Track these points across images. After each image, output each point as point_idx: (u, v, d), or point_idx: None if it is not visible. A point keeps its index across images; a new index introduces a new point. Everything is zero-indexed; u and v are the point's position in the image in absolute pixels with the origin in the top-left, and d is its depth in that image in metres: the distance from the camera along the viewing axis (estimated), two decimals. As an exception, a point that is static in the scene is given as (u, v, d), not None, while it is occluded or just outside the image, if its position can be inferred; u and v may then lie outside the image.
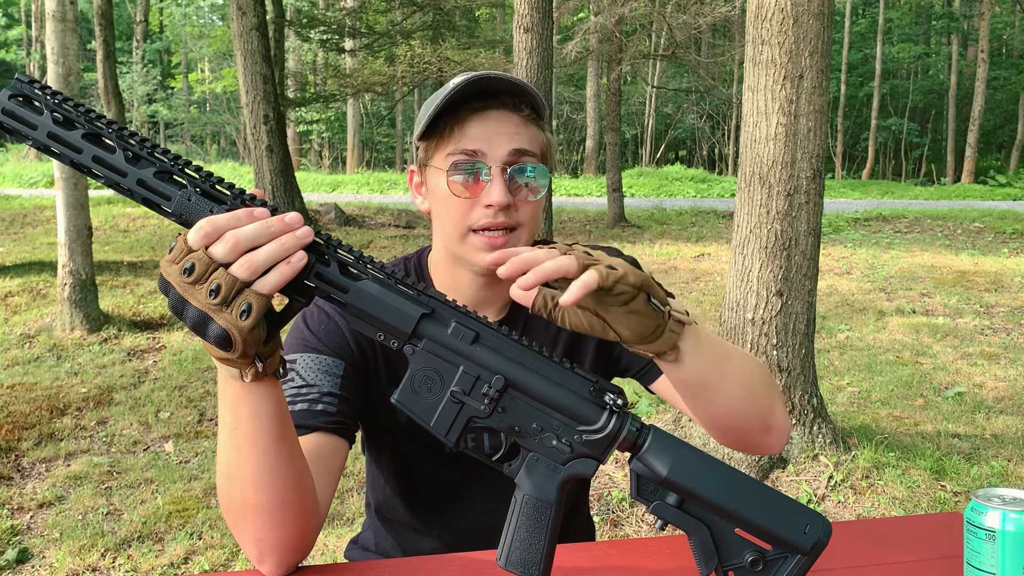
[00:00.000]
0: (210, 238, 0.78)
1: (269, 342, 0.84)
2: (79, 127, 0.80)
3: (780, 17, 3.52)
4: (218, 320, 0.78)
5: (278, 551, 0.98)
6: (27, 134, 0.80)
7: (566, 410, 0.84)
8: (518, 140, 1.13)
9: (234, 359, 0.82)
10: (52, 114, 0.80)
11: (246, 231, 0.78)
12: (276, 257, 0.79)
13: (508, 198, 1.11)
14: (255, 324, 0.79)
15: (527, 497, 0.85)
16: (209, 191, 0.82)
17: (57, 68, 5.50)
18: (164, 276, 0.80)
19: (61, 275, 5.71)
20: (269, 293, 0.79)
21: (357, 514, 3.33)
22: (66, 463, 3.84)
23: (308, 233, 0.80)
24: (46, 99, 0.80)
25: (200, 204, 0.81)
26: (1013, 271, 8.26)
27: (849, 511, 3.39)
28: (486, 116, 1.13)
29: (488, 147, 1.12)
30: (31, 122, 0.80)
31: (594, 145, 20.80)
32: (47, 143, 0.80)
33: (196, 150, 30.36)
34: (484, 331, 0.85)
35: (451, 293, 1.23)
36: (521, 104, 1.16)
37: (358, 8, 13.97)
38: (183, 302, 0.79)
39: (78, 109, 0.81)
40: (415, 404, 0.85)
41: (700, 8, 12.16)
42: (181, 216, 0.81)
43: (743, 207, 3.73)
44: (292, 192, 10.09)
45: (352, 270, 0.84)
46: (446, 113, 1.15)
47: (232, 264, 0.78)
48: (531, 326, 1.26)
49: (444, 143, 1.15)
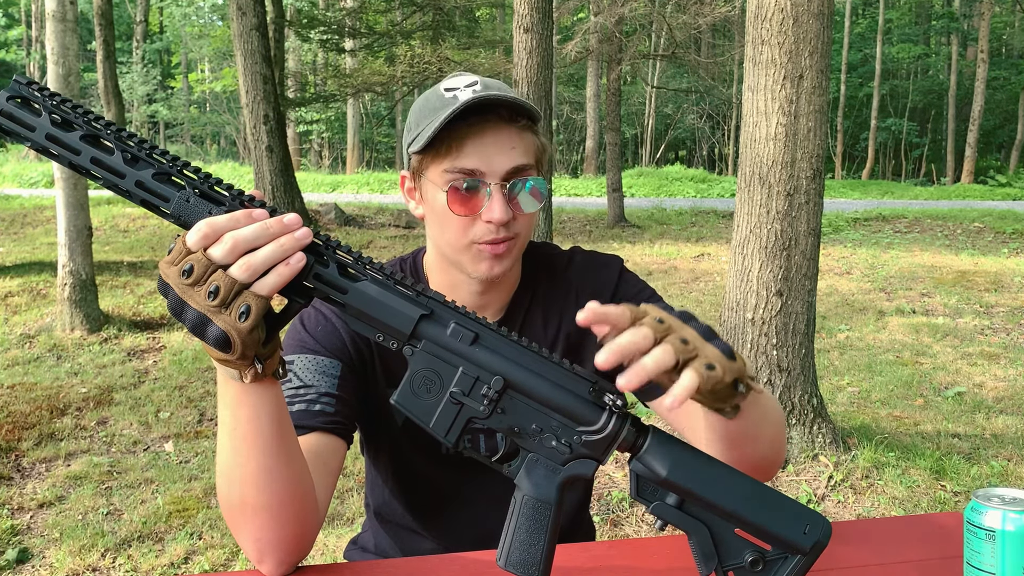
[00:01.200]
0: (209, 239, 0.78)
1: (268, 343, 0.84)
2: (77, 128, 0.80)
3: (780, 17, 3.52)
4: (217, 322, 0.78)
5: (278, 551, 0.98)
6: (25, 136, 0.80)
7: (565, 411, 0.84)
8: (515, 156, 1.12)
9: (233, 360, 0.82)
10: (50, 116, 0.80)
11: (245, 233, 0.78)
12: (275, 258, 0.79)
13: (508, 214, 1.11)
14: (254, 326, 0.79)
15: (527, 498, 0.85)
16: (208, 192, 0.82)
17: (57, 68, 5.50)
18: (163, 278, 0.80)
19: (61, 275, 5.72)
20: (268, 294, 0.79)
21: (357, 514, 3.33)
22: (66, 463, 3.84)
23: (307, 234, 0.80)
24: (44, 101, 0.80)
25: (199, 205, 0.81)
26: (1013, 271, 8.26)
27: (849, 511, 3.39)
28: (483, 132, 1.11)
29: (487, 165, 1.11)
30: (29, 124, 0.80)
31: (594, 145, 20.79)
32: (45, 145, 0.80)
33: (196, 150, 30.37)
34: (483, 332, 0.85)
35: (448, 296, 1.24)
36: (515, 115, 1.14)
37: (358, 8, 13.97)
38: (182, 303, 0.79)
39: (76, 110, 0.81)
40: (414, 405, 0.84)
41: (700, 8, 12.16)
42: (180, 218, 0.81)
43: (743, 207, 3.73)
44: (292, 192, 10.09)
45: (351, 271, 0.84)
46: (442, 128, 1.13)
47: (231, 266, 0.78)
48: (529, 327, 1.26)
49: (440, 158, 1.13)
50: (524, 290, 1.28)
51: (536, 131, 1.18)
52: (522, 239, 1.17)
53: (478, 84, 1.13)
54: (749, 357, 3.72)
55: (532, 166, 1.15)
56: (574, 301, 1.27)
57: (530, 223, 1.17)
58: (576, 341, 1.27)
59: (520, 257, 1.21)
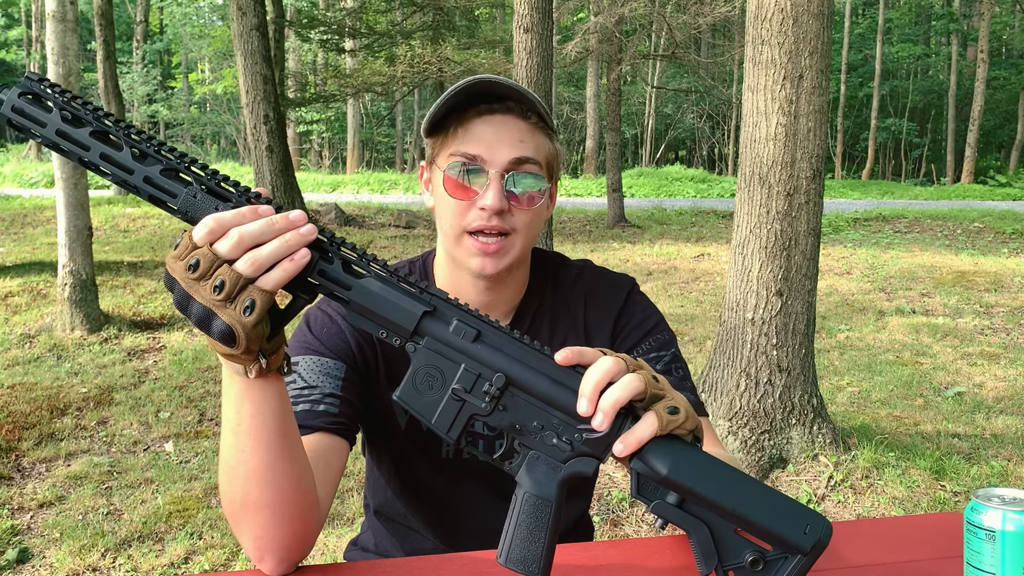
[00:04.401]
0: (215, 234, 0.79)
1: (273, 338, 0.85)
2: (87, 125, 0.81)
3: (780, 17, 3.52)
4: (222, 316, 0.79)
5: (278, 549, 0.98)
6: (37, 132, 0.81)
7: (567, 408, 0.84)
8: (521, 148, 1.13)
9: (238, 355, 0.83)
10: (61, 112, 0.81)
11: (250, 228, 0.79)
12: (280, 254, 0.79)
13: (503, 203, 1.12)
14: (258, 320, 0.80)
15: (527, 495, 0.85)
16: (215, 188, 0.82)
17: (57, 68, 5.50)
18: (169, 272, 0.80)
19: (61, 275, 5.72)
20: (272, 289, 0.80)
21: (357, 514, 3.33)
22: (66, 463, 3.84)
23: (312, 231, 0.81)
24: (55, 97, 0.81)
25: (205, 201, 0.81)
26: (1013, 271, 8.26)
27: (849, 511, 3.39)
28: (492, 120, 1.13)
29: (490, 152, 1.12)
30: (40, 120, 0.81)
31: (594, 145, 20.79)
32: (56, 140, 0.81)
33: (196, 150, 30.35)
34: (486, 329, 0.85)
35: (454, 295, 1.24)
36: (528, 111, 1.15)
37: (358, 8, 13.98)
38: (188, 298, 0.80)
39: (86, 107, 0.81)
40: (416, 401, 0.85)
41: (700, 8, 12.16)
42: (187, 213, 0.82)
43: (743, 207, 3.73)
44: (292, 192, 10.09)
45: (355, 268, 0.85)
46: (454, 113, 1.15)
47: (236, 261, 0.79)
48: (535, 334, 1.26)
49: (448, 142, 1.15)
50: (532, 297, 1.28)
51: (549, 135, 1.19)
52: (521, 238, 1.16)
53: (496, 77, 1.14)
54: (749, 357, 3.73)
55: (539, 164, 1.15)
56: (580, 316, 1.27)
57: (531, 222, 1.16)
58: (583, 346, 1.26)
59: (524, 259, 1.21)
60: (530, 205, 1.15)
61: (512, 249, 1.15)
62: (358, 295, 0.83)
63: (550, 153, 1.18)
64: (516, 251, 1.16)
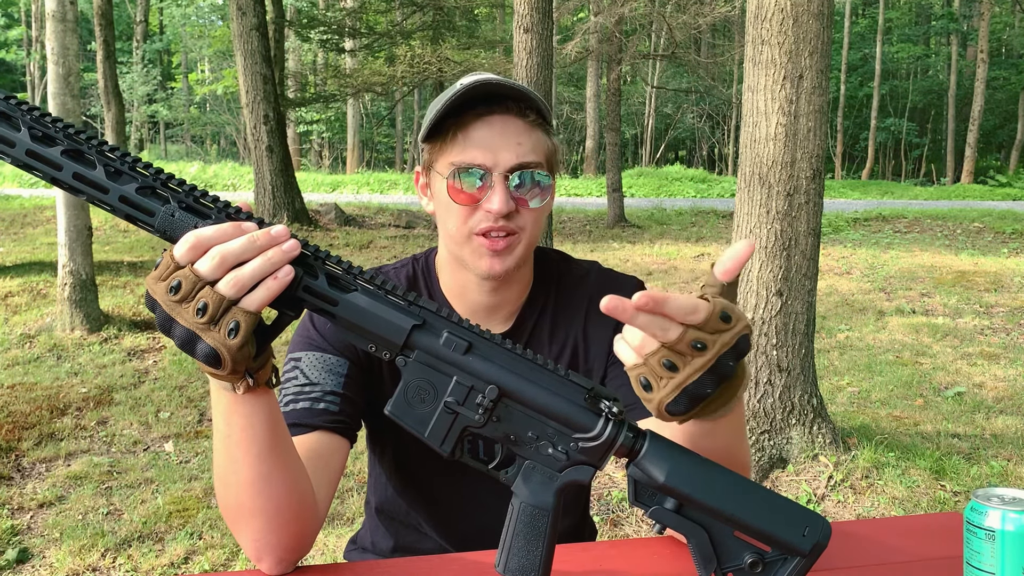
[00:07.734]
0: (196, 252, 0.77)
1: (259, 356, 0.84)
2: (58, 143, 0.78)
3: (780, 17, 3.52)
4: (206, 339, 0.77)
5: (276, 550, 0.98)
6: (5, 152, 0.77)
7: (561, 418, 0.83)
8: (521, 151, 1.12)
9: (224, 375, 0.82)
10: (30, 130, 0.77)
11: (232, 246, 0.77)
12: (263, 272, 0.78)
13: (509, 206, 1.11)
14: (243, 342, 0.78)
15: (524, 505, 0.84)
16: (193, 206, 0.80)
17: (57, 68, 5.50)
18: (150, 294, 0.79)
19: (61, 275, 5.72)
20: (256, 310, 0.79)
21: (357, 514, 3.33)
22: (66, 463, 3.84)
23: (295, 246, 0.79)
24: (23, 115, 0.78)
25: (184, 219, 0.79)
26: (1013, 271, 8.26)
27: (849, 511, 3.39)
28: (491, 122, 1.12)
29: (492, 156, 1.11)
30: (9, 139, 0.77)
31: (594, 145, 20.79)
32: (26, 161, 0.77)
33: (196, 150, 30.37)
34: (477, 341, 0.84)
35: (458, 298, 1.23)
36: (526, 109, 1.14)
37: (358, 8, 13.98)
38: (170, 320, 0.78)
39: (56, 124, 0.78)
40: (408, 415, 0.84)
41: (700, 8, 12.16)
42: (165, 232, 0.79)
43: (743, 207, 3.73)
44: (292, 192, 10.09)
45: (341, 282, 0.83)
46: (450, 116, 1.13)
47: (219, 281, 0.77)
48: (536, 338, 1.25)
49: (448, 149, 1.14)
50: (535, 298, 1.27)
51: (547, 131, 1.18)
52: (527, 237, 1.15)
53: (492, 79, 1.13)
54: (749, 357, 3.73)
55: (539, 163, 1.15)
56: (584, 318, 1.26)
57: (536, 221, 1.16)
58: (581, 356, 1.26)
59: (528, 257, 1.20)
60: (535, 204, 1.14)
61: (519, 246, 1.15)
62: (345, 310, 0.82)
63: (549, 149, 1.17)
64: (522, 248, 1.16)
